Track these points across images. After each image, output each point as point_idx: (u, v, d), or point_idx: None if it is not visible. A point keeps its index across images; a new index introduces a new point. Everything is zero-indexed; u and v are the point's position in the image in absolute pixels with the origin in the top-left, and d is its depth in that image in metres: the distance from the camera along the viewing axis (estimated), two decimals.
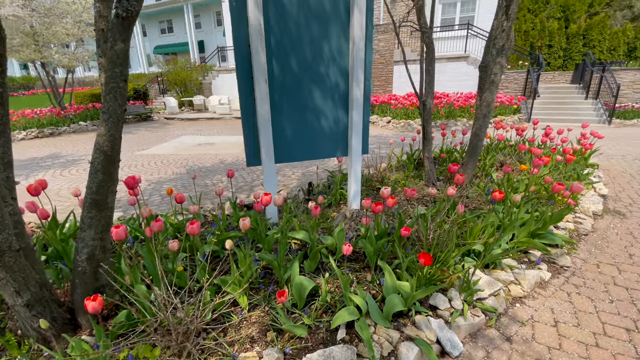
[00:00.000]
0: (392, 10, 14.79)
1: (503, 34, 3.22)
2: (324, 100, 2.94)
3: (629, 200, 3.76)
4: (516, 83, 11.58)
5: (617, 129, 8.79)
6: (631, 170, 4.93)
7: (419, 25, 3.50)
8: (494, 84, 3.34)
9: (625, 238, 2.88)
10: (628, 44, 14.38)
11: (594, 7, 23.34)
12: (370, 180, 4.04)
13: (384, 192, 2.14)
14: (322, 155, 3.10)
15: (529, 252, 2.47)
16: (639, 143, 6.85)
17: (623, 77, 10.27)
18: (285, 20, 2.64)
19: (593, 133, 4.44)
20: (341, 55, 2.88)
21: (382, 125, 10.76)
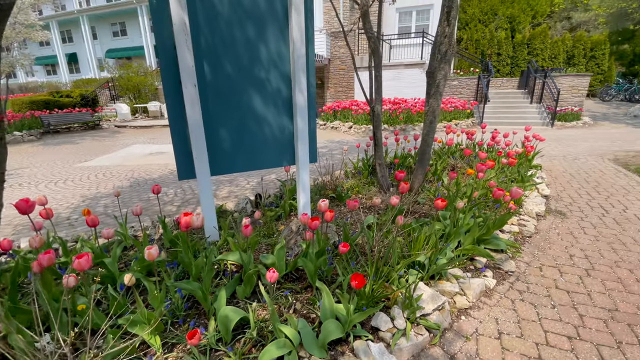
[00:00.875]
0: (352, 17, 15.01)
1: (445, 40, 3.24)
2: (266, 106, 2.75)
3: (569, 199, 3.93)
4: (469, 89, 12.14)
5: (559, 130, 9.45)
6: (571, 170, 5.23)
7: (365, 31, 3.43)
8: (439, 90, 3.34)
9: (566, 238, 2.96)
10: (567, 52, 15.69)
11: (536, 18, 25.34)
12: (324, 188, 3.90)
13: (321, 205, 1.99)
14: (267, 165, 2.90)
15: (475, 259, 2.44)
16: (577, 144, 7.36)
17: (563, 83, 11.12)
18: (215, 20, 2.43)
19: (535, 136, 4.64)
20: (282, 59, 2.72)
21: (344, 130, 10.78)
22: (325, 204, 1.99)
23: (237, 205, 3.45)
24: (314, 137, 3.02)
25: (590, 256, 2.64)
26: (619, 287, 2.22)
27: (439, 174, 4.28)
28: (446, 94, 12.45)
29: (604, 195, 4.04)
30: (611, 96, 14.96)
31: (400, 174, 2.81)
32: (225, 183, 5.20)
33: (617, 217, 3.39)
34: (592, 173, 4.98)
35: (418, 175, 3.70)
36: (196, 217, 1.62)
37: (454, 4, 3.12)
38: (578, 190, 4.23)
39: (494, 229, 2.48)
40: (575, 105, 10.95)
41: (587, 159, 5.86)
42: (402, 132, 10.11)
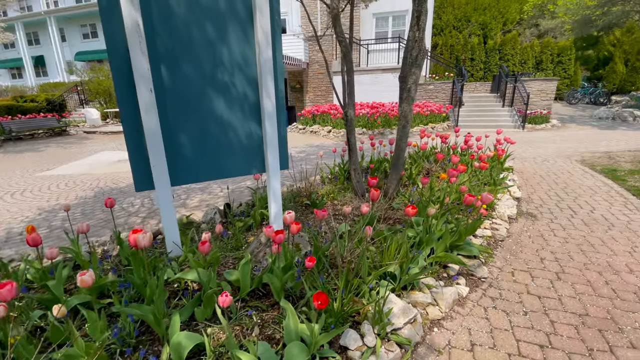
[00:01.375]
0: (329, 22, 15.06)
1: (416, 45, 3.22)
2: (231, 111, 2.62)
3: (539, 201, 4.00)
4: (444, 93, 12.40)
5: (530, 132, 9.78)
6: (541, 171, 5.36)
7: (336, 34, 3.37)
8: (410, 95, 3.32)
9: (537, 241, 2.98)
10: (536, 57, 16.38)
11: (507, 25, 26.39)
12: (299, 195, 3.79)
13: (286, 217, 1.88)
14: (234, 173, 2.76)
15: (448, 266, 2.39)
16: (547, 145, 7.61)
17: (532, 87, 11.55)
18: (172, 21, 2.29)
19: (506, 139, 4.72)
20: (247, 63, 2.60)
21: (324, 134, 10.73)
22: (291, 216, 1.88)
23: (206, 216, 3.28)
24: (285, 143, 2.91)
25: (561, 259, 2.66)
26: (588, 291, 2.22)
27: (414, 178, 4.26)
28: (422, 98, 12.66)
29: (572, 196, 4.14)
30: (577, 99, 15.70)
31: (373, 180, 2.74)
32: (197, 191, 4.99)
33: (585, 218, 3.46)
34: (561, 174, 5.13)
35: (393, 180, 3.65)
36: (142, 236, 1.47)
37: (423, 9, 3.11)
38: (548, 192, 4.32)
39: (466, 235, 2.45)
40: (544, 109, 11.39)
41: (556, 161, 6.04)
42: (380, 135, 10.16)
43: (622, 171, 5.11)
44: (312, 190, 3.75)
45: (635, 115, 11.07)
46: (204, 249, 1.73)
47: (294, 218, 1.88)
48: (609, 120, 11.60)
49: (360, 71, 13.50)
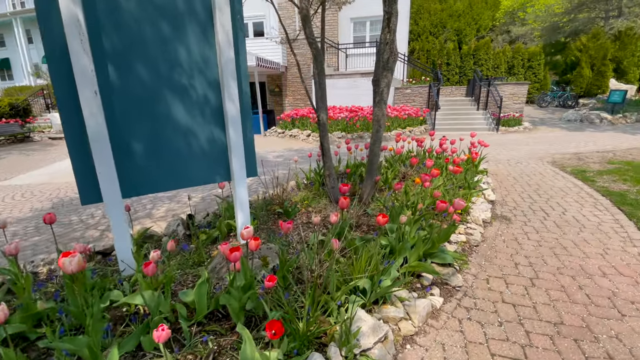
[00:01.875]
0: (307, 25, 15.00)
1: (387, 47, 3.15)
2: (191, 116, 2.44)
3: (513, 204, 4.01)
4: (421, 97, 12.56)
5: (503, 135, 10.01)
6: (514, 173, 5.43)
7: (305, 36, 3.25)
8: (383, 98, 3.24)
9: (511, 245, 2.94)
10: (508, 62, 16.94)
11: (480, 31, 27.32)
12: (271, 203, 3.62)
13: (243, 233, 1.71)
14: (196, 182, 2.57)
15: (422, 276, 2.29)
16: (520, 147, 7.79)
17: (505, 90, 11.88)
18: (122, 17, 2.10)
19: (480, 142, 4.74)
20: (208, 64, 2.43)
21: (303, 138, 10.59)
22: (249, 231, 1.72)
23: (168, 228, 3.06)
24: (252, 149, 2.75)
25: (534, 263, 2.62)
26: (563, 297, 2.17)
27: (390, 183, 4.19)
28: (400, 101, 12.79)
29: (544, 197, 4.18)
30: (547, 102, 16.33)
31: (344, 187, 2.62)
32: (164, 200, 4.72)
33: (557, 220, 3.48)
34: (533, 176, 5.21)
35: (368, 186, 3.56)
36: (69, 261, 1.27)
37: (393, 10, 3.05)
38: (521, 194, 4.35)
39: (439, 242, 2.36)
40: (517, 112, 11.74)
41: (529, 163, 6.16)
42: (359, 139, 10.13)
43: (591, 172, 5.25)
44: (285, 197, 3.59)
45: (602, 117, 11.58)
46: (149, 270, 1.54)
47: (252, 233, 1.72)
48: (577, 122, 12.09)
49: (339, 75, 13.49)
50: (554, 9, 21.08)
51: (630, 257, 2.65)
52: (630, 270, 2.46)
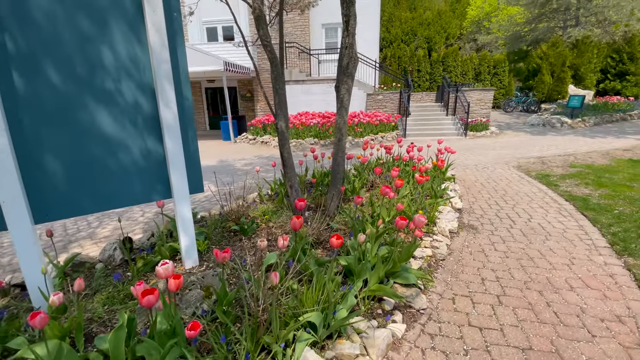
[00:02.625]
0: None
1: (346, 51, 2.97)
2: (120, 126, 2.12)
3: (480, 211, 3.94)
4: (392, 103, 12.65)
5: (472, 140, 10.21)
6: (482, 179, 5.43)
7: (259, 38, 3.02)
8: (343, 105, 3.06)
9: (478, 257, 2.81)
10: (475, 69, 17.52)
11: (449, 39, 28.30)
12: (227, 219, 3.32)
13: (159, 270, 1.43)
14: (128, 202, 2.25)
15: (384, 299, 2.09)
16: (487, 152, 7.90)
17: (472, 96, 12.19)
18: (29, 12, 1.77)
19: (447, 148, 4.68)
20: (138, 67, 2.13)
21: (275, 145, 10.30)
22: (166, 268, 1.43)
23: (103, 253, 2.69)
24: (196, 161, 2.46)
25: (501, 277, 2.49)
26: (530, 317, 2.04)
27: (358, 192, 4.00)
28: (372, 108, 12.81)
29: (510, 204, 4.15)
30: (512, 107, 17.00)
31: (300, 202, 2.38)
32: (112, 216, 4.28)
33: (523, 227, 3.41)
34: (500, 181, 5.22)
35: (332, 197, 3.35)
36: None
37: (351, 12, 2.88)
38: (488, 200, 4.30)
39: (401, 261, 2.17)
40: (484, 117, 12.05)
41: (495, 168, 6.21)
42: (331, 145, 9.97)
43: (555, 176, 5.33)
44: (242, 212, 3.30)
45: (562, 121, 12.12)
46: (35, 323, 1.22)
47: (171, 271, 1.44)
48: (540, 126, 12.59)
49: (312, 81, 13.37)
50: (516, 19, 22.17)
51: (597, 267, 2.59)
52: (597, 282, 2.38)
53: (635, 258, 2.68)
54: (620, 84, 17.53)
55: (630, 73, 17.19)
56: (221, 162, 7.98)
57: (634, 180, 4.92)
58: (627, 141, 8.75)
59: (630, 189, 4.50)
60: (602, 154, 7.09)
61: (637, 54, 16.88)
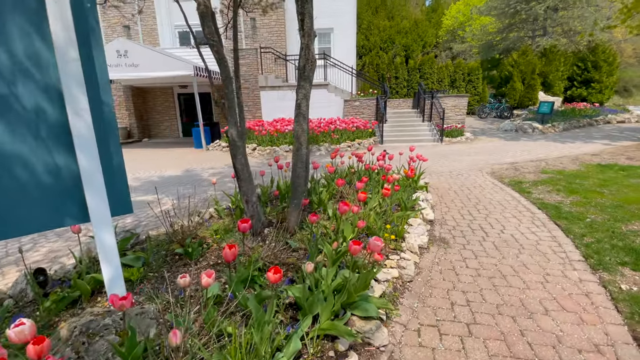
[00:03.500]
0: (254, 35, 14.55)
1: (302, 54, 2.71)
2: (18, 137, 1.75)
3: (453, 222, 3.74)
4: (369, 109, 12.58)
5: (447, 146, 10.21)
6: (455, 186, 5.29)
7: (205, 36, 2.71)
8: (301, 112, 2.78)
9: (448, 277, 2.58)
10: (450, 76, 17.83)
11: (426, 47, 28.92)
12: (171, 241, 2.95)
13: (10, 335, 1.08)
14: (31, 229, 1.86)
15: (339, 337, 1.79)
16: (462, 158, 7.85)
17: (447, 103, 12.28)
18: None
19: (419, 156, 4.50)
20: (41, 66, 1.77)
21: (248, 152, 9.91)
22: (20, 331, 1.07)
23: (14, 286, 2.26)
24: (120, 178, 2.10)
25: (472, 301, 2.26)
26: (503, 350, 1.80)
27: (325, 205, 3.72)
28: (349, 114, 12.69)
29: (483, 213, 3.99)
30: (486, 113, 17.36)
31: (243, 223, 2.07)
32: (50, 237, 3.80)
33: (496, 240, 3.23)
34: (473, 189, 5.09)
35: (292, 213, 3.05)
36: None
37: (306, 11, 2.63)
38: (461, 210, 4.13)
39: (357, 291, 1.89)
40: (459, 123, 12.16)
41: (469, 174, 6.11)
42: None
43: (527, 183, 5.26)
44: (190, 231, 2.94)
45: (534, 127, 12.40)
46: None
47: (29, 335, 1.08)
48: (513, 132, 12.83)
49: (288, 87, 13.12)
50: (489, 29, 22.90)
51: (572, 285, 2.40)
52: (572, 303, 2.19)
53: (610, 273, 2.52)
54: (586, 90, 18.29)
55: (595, 81, 17.98)
56: (187, 171, 7.53)
57: (604, 185, 4.90)
58: (594, 146, 8.97)
59: (600, 195, 4.45)
60: (572, 159, 7.17)
61: (600, 63, 17.70)
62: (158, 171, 7.75)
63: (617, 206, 3.98)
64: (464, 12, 28.49)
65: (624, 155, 7.34)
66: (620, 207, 3.96)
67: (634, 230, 3.27)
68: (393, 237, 2.92)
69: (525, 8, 18.88)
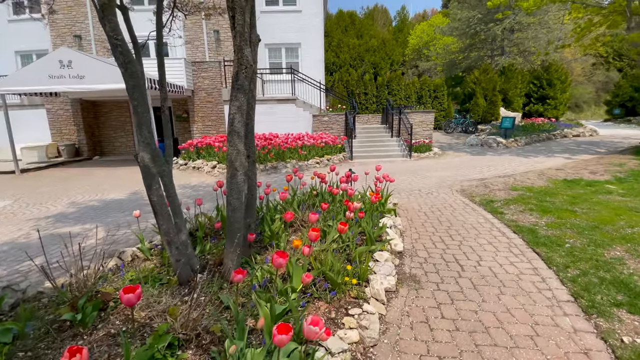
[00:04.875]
0: (218, 48, 13.96)
1: (235, 57, 2.18)
2: None
3: (424, 252, 3.29)
4: (339, 124, 12.28)
5: (416, 161, 10.02)
6: (425, 207, 4.90)
7: (106, 35, 2.11)
8: (234, 129, 2.23)
9: (421, 334, 2.06)
10: (417, 92, 18.12)
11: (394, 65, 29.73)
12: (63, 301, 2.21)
13: None
14: None
15: None
16: (430, 174, 7.59)
17: (414, 118, 12.26)
18: None
19: (385, 176, 4.06)
20: None
21: (207, 171, 9.16)
22: None
23: None
24: None
25: None
26: None
27: (277, 238, 3.13)
28: (319, 129, 12.32)
29: (457, 240, 3.58)
30: (452, 128, 17.72)
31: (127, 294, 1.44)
32: None
33: (474, 276, 2.79)
34: (444, 209, 4.72)
35: (228, 254, 2.43)
36: None
37: (237, 5, 2.12)
38: (433, 236, 3.69)
39: None
40: (427, 138, 12.13)
41: (439, 193, 5.79)
42: (272, 170, 9.11)
43: (498, 201, 4.98)
44: (87, 287, 2.23)
45: (498, 141, 12.63)
46: None
47: None
48: (479, 146, 13.00)
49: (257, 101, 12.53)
50: (451, 48, 23.86)
51: (567, 339, 1.97)
52: None
53: (607, 318, 2.13)
54: (542, 106, 19.28)
55: (550, 97, 19.02)
56: (133, 194, 6.66)
57: (575, 203, 4.71)
58: (557, 160, 9.11)
59: (574, 214, 4.22)
60: (538, 174, 7.10)
61: (554, 81, 18.78)
62: (100, 194, 6.82)
63: (593, 227, 3.73)
64: (428, 32, 29.72)
65: (587, 169, 7.41)
66: (597, 228, 3.71)
67: (617, 258, 2.97)
68: (355, 281, 2.39)
69: (484, 29, 19.84)
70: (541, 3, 10.35)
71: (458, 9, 21.96)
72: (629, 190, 5.37)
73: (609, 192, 5.30)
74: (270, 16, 14.20)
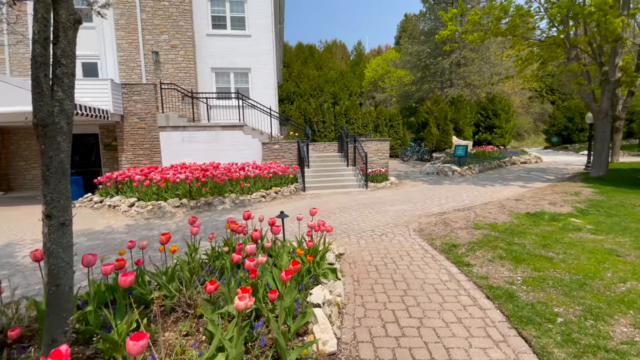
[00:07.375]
0: (157, 71, 12.68)
1: None
2: None
3: (370, 349, 2.21)
4: (291, 153, 11.35)
5: (372, 192, 9.25)
6: (377, 257, 3.92)
7: None
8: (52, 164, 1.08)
9: None
10: (374, 121, 18.01)
11: (352, 96, 30.15)
12: None
13: None
14: None
15: None
16: (386, 209, 6.75)
17: (370, 147, 11.72)
18: None
19: (321, 224, 3.03)
20: None
21: (124, 210, 7.53)
22: None
23: None
24: None
25: None
26: None
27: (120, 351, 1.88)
28: (269, 158, 11.27)
29: (415, 317, 2.57)
30: (408, 157, 17.65)
31: None
32: None
33: None
34: (400, 261, 3.76)
35: None
36: None
37: None
38: (383, 312, 2.66)
39: None
40: (383, 167, 11.59)
41: (395, 234, 4.88)
42: (206, 207, 7.76)
43: (462, 246, 4.15)
44: None
45: (453, 169, 12.43)
46: None
47: None
48: (435, 175, 12.71)
49: (195, 127, 11.32)
50: (405, 80, 24.69)
51: None
52: None
53: None
54: (490, 135, 20.09)
55: (496, 126, 19.91)
56: (21, 242, 4.98)
57: (546, 245, 4.01)
58: (513, 189, 8.82)
59: (551, 263, 3.46)
60: (499, 206, 6.55)
61: (499, 111, 19.76)
62: None
63: (580, 284, 2.94)
64: (382, 66, 30.88)
65: (545, 199, 7.03)
66: (584, 285, 2.93)
67: (629, 341, 2.12)
68: None
69: (434, 62, 20.70)
70: (485, 37, 10.59)
71: (409, 44, 22.96)
72: (596, 225, 4.85)
73: (578, 228, 4.73)
74: (217, 39, 13.36)
